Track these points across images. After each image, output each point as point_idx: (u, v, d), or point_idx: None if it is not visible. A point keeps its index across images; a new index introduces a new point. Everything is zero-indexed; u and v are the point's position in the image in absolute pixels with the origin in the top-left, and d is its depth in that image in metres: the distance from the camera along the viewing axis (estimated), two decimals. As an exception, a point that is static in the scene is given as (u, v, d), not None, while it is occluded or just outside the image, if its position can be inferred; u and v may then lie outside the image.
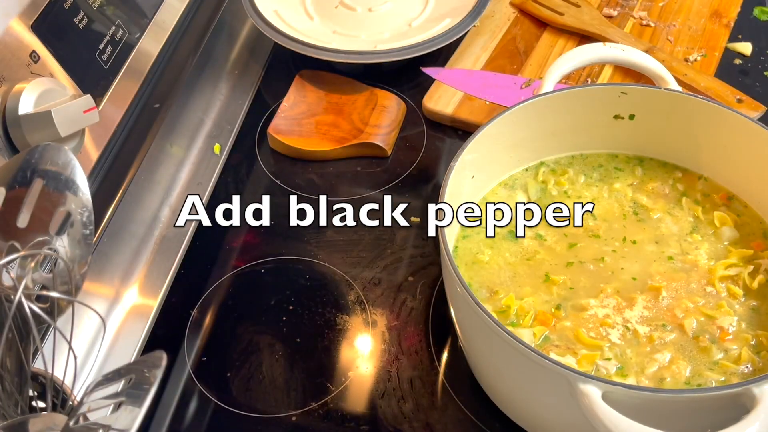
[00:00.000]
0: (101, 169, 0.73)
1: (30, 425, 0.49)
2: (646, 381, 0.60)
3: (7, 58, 0.62)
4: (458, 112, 0.90)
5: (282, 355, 0.72)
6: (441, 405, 0.69)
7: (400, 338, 0.73)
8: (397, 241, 0.80)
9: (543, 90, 0.73)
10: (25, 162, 0.55)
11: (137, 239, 0.80)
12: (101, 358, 0.72)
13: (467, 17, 0.94)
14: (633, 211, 0.72)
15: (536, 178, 0.75)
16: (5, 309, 0.49)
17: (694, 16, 1.01)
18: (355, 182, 0.86)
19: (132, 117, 0.78)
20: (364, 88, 0.93)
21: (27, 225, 0.54)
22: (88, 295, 0.74)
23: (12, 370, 0.51)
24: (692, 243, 0.69)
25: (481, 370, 0.67)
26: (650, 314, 0.64)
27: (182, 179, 0.86)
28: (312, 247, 0.80)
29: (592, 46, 0.76)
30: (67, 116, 0.62)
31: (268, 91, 0.97)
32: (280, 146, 0.88)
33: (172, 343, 0.73)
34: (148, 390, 0.42)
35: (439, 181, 0.86)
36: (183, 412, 0.69)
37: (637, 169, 0.75)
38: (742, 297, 0.65)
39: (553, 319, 0.64)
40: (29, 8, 0.66)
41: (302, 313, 0.75)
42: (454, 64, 0.95)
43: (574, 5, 1.01)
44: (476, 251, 0.70)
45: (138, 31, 0.80)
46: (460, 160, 0.66)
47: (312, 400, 0.69)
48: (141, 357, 0.65)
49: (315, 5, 1.01)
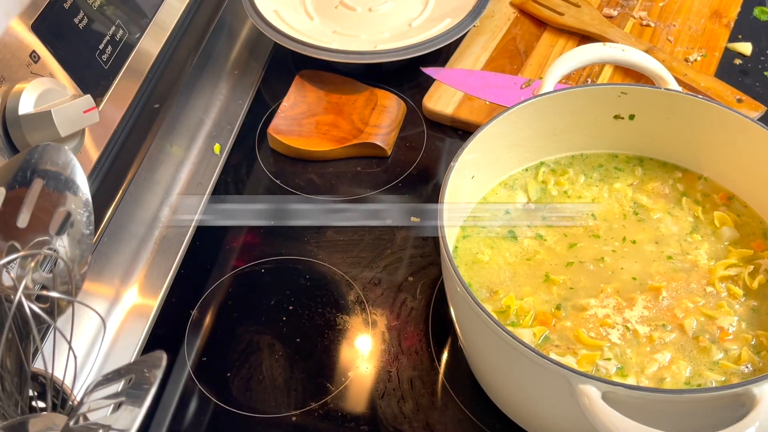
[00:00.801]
0: (101, 169, 0.73)
1: (30, 425, 0.49)
2: (646, 381, 0.60)
3: (7, 58, 0.62)
4: (458, 112, 0.90)
5: (282, 355, 0.72)
6: (441, 405, 0.69)
7: (400, 338, 0.73)
8: (397, 241, 0.80)
9: (543, 90, 0.73)
10: (25, 162, 0.55)
11: (137, 239, 0.80)
12: (101, 358, 0.72)
13: (467, 17, 0.94)
14: (633, 211, 0.72)
15: (536, 178, 0.75)
16: (5, 309, 0.49)
17: (694, 16, 1.01)
18: (355, 182, 0.86)
19: (132, 117, 0.78)
20: (364, 88, 0.93)
21: (27, 225, 0.54)
22: (88, 295, 0.74)
23: (12, 370, 0.51)
24: (692, 243, 0.69)
25: (481, 370, 0.67)
26: (650, 314, 0.64)
27: (182, 179, 0.86)
28: (312, 247, 0.80)
29: (592, 46, 0.76)
30: (67, 116, 0.62)
31: (268, 91, 0.97)
32: (280, 146, 0.89)
33: (172, 343, 0.73)
34: (148, 390, 0.42)
35: (439, 181, 0.86)
36: (183, 412, 0.69)
37: (637, 169, 0.75)
38: (742, 297, 0.65)
39: (553, 319, 0.64)
40: (29, 8, 0.66)
41: (302, 313, 0.75)
42: (454, 64, 0.95)
43: (574, 5, 1.01)
44: (476, 251, 0.70)
45: (138, 31, 0.80)
46: (460, 160, 0.66)
47: (312, 400, 0.69)
48: (141, 357, 0.65)
49: (315, 5, 1.01)
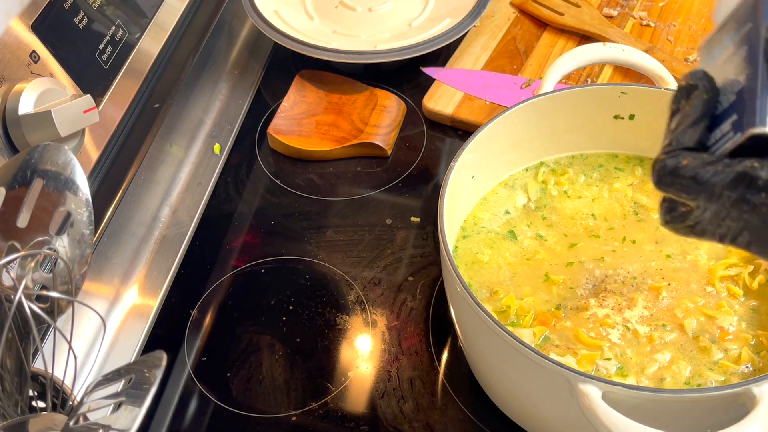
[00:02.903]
0: (101, 169, 0.73)
1: (30, 425, 0.49)
2: (646, 381, 0.60)
3: (7, 58, 0.62)
4: (458, 112, 0.90)
5: (282, 355, 0.72)
6: (441, 405, 0.69)
7: (400, 338, 0.73)
8: (397, 241, 0.80)
9: (543, 90, 0.73)
10: (25, 162, 0.55)
11: (137, 239, 0.80)
12: (101, 358, 0.72)
13: (467, 17, 0.94)
14: (633, 210, 0.72)
15: (536, 178, 0.75)
16: (5, 309, 0.49)
17: (695, 16, 1.01)
18: (355, 182, 0.86)
19: (132, 117, 0.78)
20: (364, 88, 0.93)
21: (27, 225, 0.54)
22: (88, 295, 0.74)
23: (12, 370, 0.51)
24: (692, 243, 0.69)
25: (481, 370, 0.67)
26: (650, 314, 0.64)
27: (182, 179, 0.86)
28: (312, 247, 0.80)
29: (592, 46, 0.76)
30: (67, 116, 0.62)
31: (268, 91, 0.97)
32: (280, 146, 0.89)
33: (172, 343, 0.73)
34: (148, 390, 0.42)
35: (439, 181, 0.86)
36: (183, 412, 0.69)
37: (637, 169, 0.75)
38: (742, 297, 0.65)
39: (553, 319, 0.64)
40: (29, 8, 0.66)
41: (302, 313, 0.75)
42: (454, 64, 0.95)
43: (574, 5, 1.01)
44: (476, 251, 0.70)
45: (138, 31, 0.80)
46: (460, 160, 0.66)
47: (312, 400, 0.69)
48: (141, 357, 0.65)
49: (315, 5, 1.01)
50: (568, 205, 0.73)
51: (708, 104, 0.41)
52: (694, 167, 0.40)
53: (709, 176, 0.39)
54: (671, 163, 0.41)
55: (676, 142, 0.41)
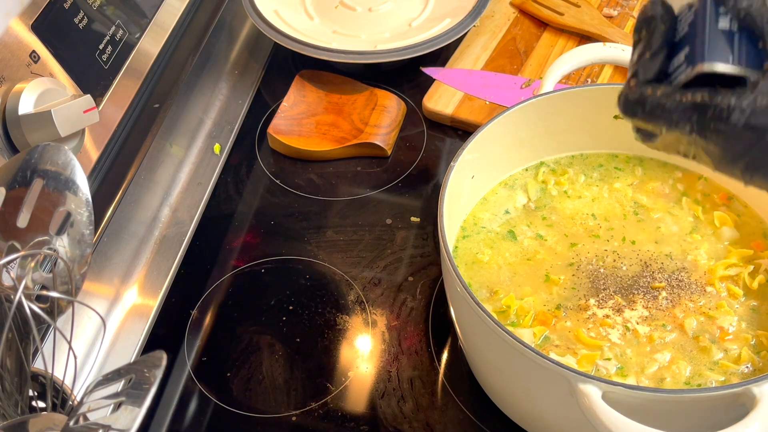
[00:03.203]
0: (101, 169, 0.73)
1: (30, 425, 0.49)
2: (646, 381, 0.60)
3: (7, 58, 0.62)
4: (458, 112, 0.90)
5: (282, 355, 0.72)
6: (441, 405, 0.69)
7: (400, 338, 0.73)
8: (397, 241, 0.80)
9: (543, 90, 0.73)
10: (25, 162, 0.55)
11: (137, 239, 0.80)
12: (101, 358, 0.72)
13: (467, 17, 0.94)
14: (633, 210, 0.72)
15: (536, 178, 0.75)
16: (5, 309, 0.49)
17: (694, 16, 1.01)
18: (355, 182, 0.86)
19: (132, 117, 0.78)
20: (364, 88, 0.93)
21: (27, 225, 0.54)
22: (88, 295, 0.74)
23: (12, 370, 0.51)
24: (692, 243, 0.69)
25: (481, 370, 0.67)
26: (650, 314, 0.64)
27: (182, 179, 0.86)
28: (312, 247, 0.80)
29: (592, 46, 0.76)
30: (67, 116, 0.62)
31: (268, 91, 0.97)
32: (280, 146, 0.89)
33: (172, 343, 0.73)
34: (148, 390, 0.42)
35: (439, 181, 0.86)
36: (183, 412, 0.69)
37: (637, 169, 0.75)
38: (742, 297, 0.65)
39: (553, 319, 0.64)
40: (29, 8, 0.66)
41: (302, 313, 0.75)
42: (454, 64, 0.95)
43: (574, 5, 1.01)
44: (476, 251, 0.70)
45: (138, 31, 0.80)
46: (460, 160, 0.66)
47: (312, 400, 0.69)
48: (141, 357, 0.65)
49: (315, 5, 1.01)
50: (568, 205, 0.73)
51: (666, 35, 0.43)
52: (652, 100, 0.42)
53: (666, 107, 0.42)
54: (633, 96, 0.43)
55: (639, 73, 0.43)
